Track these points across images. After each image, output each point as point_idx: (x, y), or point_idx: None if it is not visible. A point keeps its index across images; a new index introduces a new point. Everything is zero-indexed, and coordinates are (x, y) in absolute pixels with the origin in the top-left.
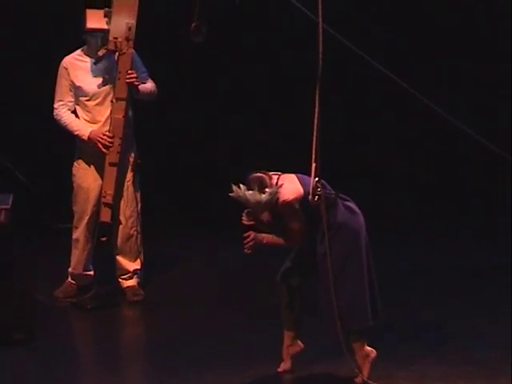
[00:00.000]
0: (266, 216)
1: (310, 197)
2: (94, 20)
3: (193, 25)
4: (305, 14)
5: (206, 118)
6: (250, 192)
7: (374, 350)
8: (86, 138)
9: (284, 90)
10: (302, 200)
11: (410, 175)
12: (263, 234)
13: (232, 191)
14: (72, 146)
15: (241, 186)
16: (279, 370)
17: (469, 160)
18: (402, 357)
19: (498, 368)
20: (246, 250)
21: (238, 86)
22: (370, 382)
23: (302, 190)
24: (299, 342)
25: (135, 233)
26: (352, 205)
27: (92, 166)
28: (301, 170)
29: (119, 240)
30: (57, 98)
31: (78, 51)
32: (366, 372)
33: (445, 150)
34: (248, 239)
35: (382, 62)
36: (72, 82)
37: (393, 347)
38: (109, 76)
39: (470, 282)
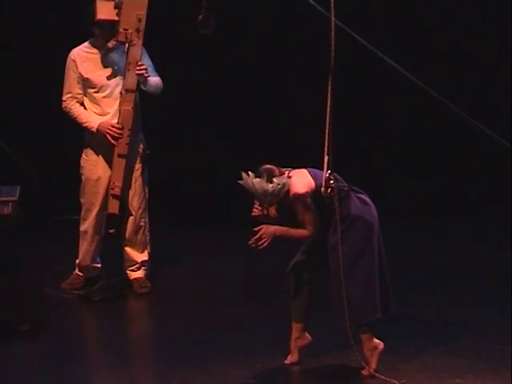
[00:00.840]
0: (273, 211)
1: (322, 189)
2: (105, 11)
3: (200, 17)
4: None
5: (207, 113)
6: (258, 180)
7: (381, 343)
8: (94, 129)
9: (293, 83)
10: (314, 193)
11: (412, 163)
12: (275, 226)
13: (241, 179)
14: (79, 137)
15: (250, 173)
16: (286, 362)
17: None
18: (409, 349)
19: (505, 362)
20: (259, 247)
21: (242, 81)
22: (376, 374)
23: (313, 184)
24: (307, 335)
25: (144, 224)
26: (365, 197)
27: (101, 158)
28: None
29: (128, 231)
30: (65, 90)
31: (86, 43)
32: (373, 364)
33: (452, 143)
34: (260, 234)
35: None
36: (80, 74)
37: (399, 340)
38: (117, 68)
39: (477, 274)
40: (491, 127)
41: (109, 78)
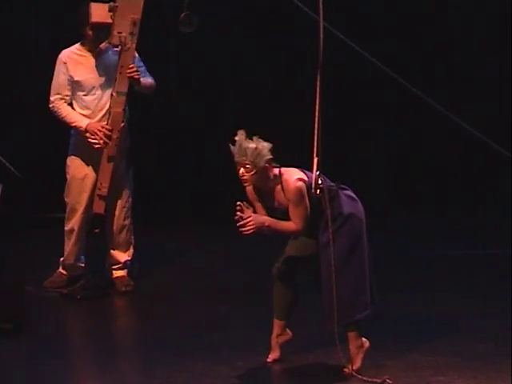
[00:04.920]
0: (252, 193)
1: (312, 190)
2: (99, 14)
3: (182, 14)
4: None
5: (207, 106)
6: (245, 140)
7: (367, 341)
8: (83, 129)
9: (284, 84)
10: (307, 190)
11: (404, 163)
12: (265, 217)
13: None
14: (65, 136)
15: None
16: (268, 360)
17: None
18: (392, 347)
19: (486, 359)
20: (245, 232)
21: (234, 81)
22: (359, 376)
23: (306, 179)
24: (288, 331)
25: (128, 223)
26: (351, 193)
27: (87, 158)
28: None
29: (112, 231)
30: (53, 90)
31: (77, 45)
32: (359, 362)
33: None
34: (248, 220)
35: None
36: (70, 76)
37: (382, 338)
38: (108, 71)
39: (460, 273)
40: (489, 129)
41: (99, 80)
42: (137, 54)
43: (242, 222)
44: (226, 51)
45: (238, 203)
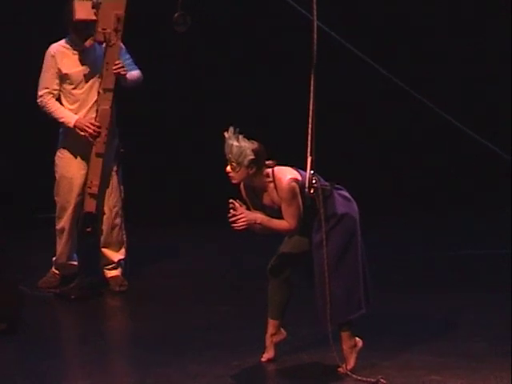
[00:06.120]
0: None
1: (306, 190)
2: (83, 11)
3: (176, 14)
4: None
5: (202, 104)
6: (232, 137)
7: (360, 340)
8: (71, 125)
9: (277, 84)
10: (300, 189)
11: (404, 166)
12: (258, 214)
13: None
14: (54, 135)
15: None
16: (263, 359)
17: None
18: (386, 347)
19: (481, 359)
20: (236, 227)
21: (226, 80)
22: (353, 375)
23: (300, 178)
24: (283, 331)
25: (119, 222)
26: (346, 193)
27: (76, 156)
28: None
29: (104, 230)
30: (42, 85)
31: (64, 41)
32: (352, 361)
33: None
34: (241, 216)
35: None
36: (59, 69)
37: (377, 337)
38: (95, 66)
39: (454, 272)
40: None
41: (86, 74)
42: (123, 46)
43: (233, 218)
44: (218, 50)
45: (231, 201)
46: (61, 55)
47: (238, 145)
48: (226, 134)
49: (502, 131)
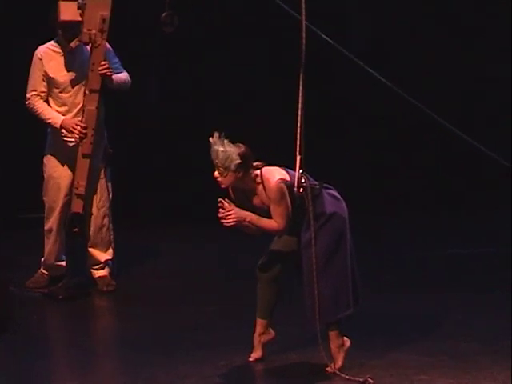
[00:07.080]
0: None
1: (295, 189)
2: (68, 12)
3: (164, 14)
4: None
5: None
6: (218, 142)
7: (348, 340)
8: (58, 125)
9: (267, 83)
10: (289, 189)
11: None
12: (247, 212)
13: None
14: (42, 135)
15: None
16: (250, 359)
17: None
18: (375, 346)
19: (470, 359)
20: (225, 224)
21: (219, 80)
22: (342, 374)
23: (289, 178)
24: (271, 330)
25: (107, 223)
26: (335, 192)
27: (63, 156)
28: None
29: (91, 230)
30: (30, 87)
31: (52, 42)
32: (340, 361)
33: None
34: (230, 212)
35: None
36: (46, 72)
37: (366, 337)
38: (81, 68)
39: (444, 272)
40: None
41: (73, 77)
42: (111, 49)
43: (223, 214)
44: (207, 51)
45: (220, 199)
46: (48, 58)
47: (224, 150)
48: (211, 140)
49: (498, 133)
